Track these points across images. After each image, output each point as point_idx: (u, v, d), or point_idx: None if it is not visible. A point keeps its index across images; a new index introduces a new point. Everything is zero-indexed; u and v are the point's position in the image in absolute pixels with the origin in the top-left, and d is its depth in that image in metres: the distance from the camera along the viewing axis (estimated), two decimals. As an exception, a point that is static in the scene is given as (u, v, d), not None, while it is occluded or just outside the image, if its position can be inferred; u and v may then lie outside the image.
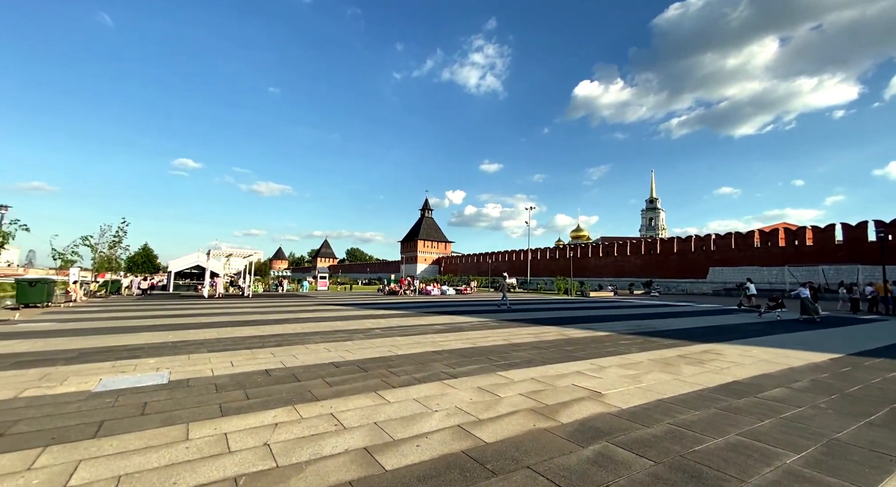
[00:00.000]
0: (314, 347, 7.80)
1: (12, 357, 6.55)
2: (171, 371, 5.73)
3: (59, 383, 4.99)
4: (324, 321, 12.50)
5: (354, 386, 5.08)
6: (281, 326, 10.99)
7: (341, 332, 9.94)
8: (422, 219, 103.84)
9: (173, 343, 8.05)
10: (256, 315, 14.25)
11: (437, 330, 10.63)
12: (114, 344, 7.87)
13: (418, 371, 5.91)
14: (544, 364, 6.46)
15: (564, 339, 9.14)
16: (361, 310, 16.94)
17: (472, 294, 39.56)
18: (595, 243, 71.25)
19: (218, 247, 33.56)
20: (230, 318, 12.92)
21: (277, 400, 4.47)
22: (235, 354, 6.99)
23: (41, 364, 6.05)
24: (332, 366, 6.15)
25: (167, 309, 16.23)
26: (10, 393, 4.51)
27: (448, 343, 8.44)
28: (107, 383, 5.02)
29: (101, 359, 6.40)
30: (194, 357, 6.71)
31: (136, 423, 3.69)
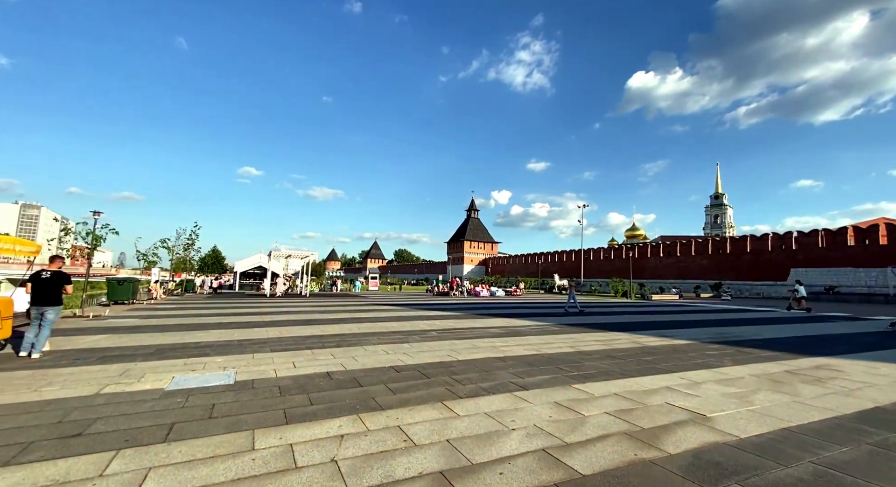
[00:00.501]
0: (372, 349, 7.62)
1: (99, 351, 6.98)
2: (237, 370, 5.74)
3: (136, 380, 5.13)
4: (379, 321, 12.45)
5: (419, 394, 4.74)
6: (339, 326, 11.04)
7: (397, 334, 9.75)
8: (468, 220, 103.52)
9: (239, 341, 8.26)
10: (315, 314, 14.58)
11: (495, 333, 10.12)
12: (186, 341, 8.21)
13: (483, 379, 5.46)
14: (625, 376, 5.74)
15: (639, 348, 8.25)
16: (414, 311, 16.83)
17: (522, 295, 38.45)
18: (654, 242, 66.74)
19: (278, 249, 35.40)
20: (290, 317, 13.29)
21: (341, 407, 4.22)
22: (297, 354, 6.96)
23: (123, 359, 6.35)
24: (393, 371, 5.88)
25: (233, 308, 17.15)
26: (93, 389, 4.67)
27: (509, 348, 7.91)
28: (179, 381, 5.08)
29: (174, 356, 6.62)
30: (258, 356, 6.75)
31: (203, 427, 3.59)
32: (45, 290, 6.68)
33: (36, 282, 6.72)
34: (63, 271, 6.99)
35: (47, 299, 6.65)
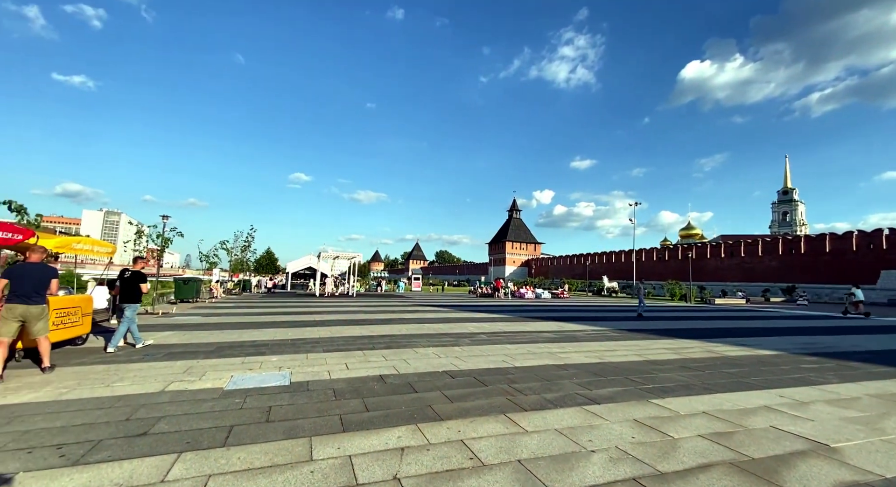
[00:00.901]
0: (423, 351, 7.38)
1: (166, 348, 7.29)
2: (292, 371, 5.70)
3: (198, 378, 5.20)
4: (426, 323, 12.27)
5: (478, 403, 4.39)
6: (387, 326, 10.97)
7: (447, 336, 9.47)
8: (509, 221, 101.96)
9: (292, 340, 8.35)
10: (363, 314, 14.70)
11: (549, 338, 9.55)
12: (244, 339, 8.43)
13: (546, 389, 5.01)
14: (709, 391, 5.05)
15: (717, 358, 7.38)
16: (460, 312, 16.54)
17: (569, 298, 37.02)
18: (714, 242, 61.94)
19: (326, 251, 36.61)
20: (340, 317, 13.46)
21: (398, 415, 3.97)
22: (349, 355, 6.87)
23: (186, 356, 6.55)
24: (448, 376, 5.57)
25: (286, 307, 17.77)
26: (159, 386, 4.77)
27: (568, 355, 7.35)
28: (237, 381, 5.09)
29: (232, 355, 6.76)
30: (312, 356, 6.73)
31: (261, 432, 3.46)
32: (125, 288, 7.10)
33: (121, 281, 7.19)
34: (141, 271, 7.41)
35: (126, 297, 7.07)
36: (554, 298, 34.78)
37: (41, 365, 5.32)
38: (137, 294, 7.14)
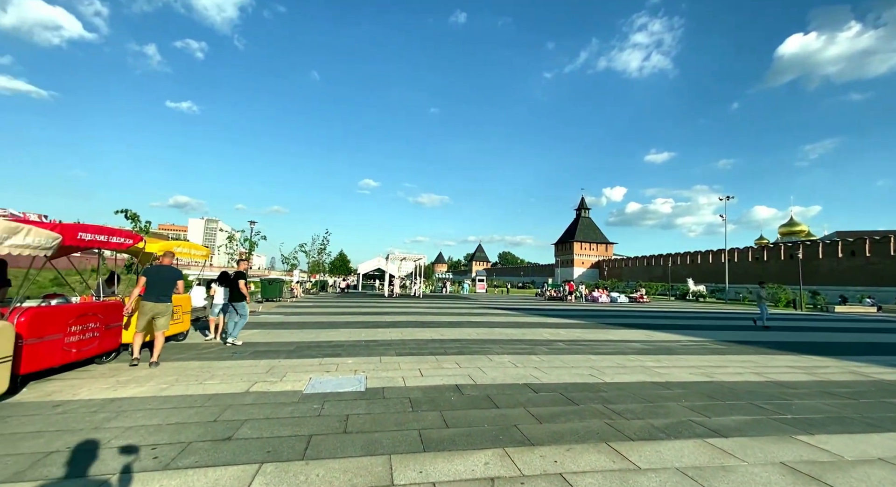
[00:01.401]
0: (498, 359, 6.91)
1: (252, 346, 7.67)
2: (367, 375, 5.58)
3: (279, 378, 5.27)
4: (497, 327, 11.77)
5: (572, 427, 3.82)
6: (457, 330, 10.67)
7: (521, 342, 8.90)
8: (578, 220, 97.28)
9: (366, 342, 8.37)
10: (431, 316, 14.62)
11: (639, 349, 8.53)
12: (321, 339, 8.64)
13: (651, 413, 4.26)
14: (877, 429, 3.94)
15: (866, 382, 5.94)
16: (530, 317, 15.77)
17: (649, 302, 33.98)
18: (828, 240, 53.18)
19: (392, 253, 37.70)
20: (409, 318, 13.48)
21: (481, 434, 3.56)
22: (421, 360, 6.64)
23: (270, 355, 6.79)
24: (530, 390, 5.05)
25: (358, 306, 18.37)
26: (244, 386, 4.88)
27: (668, 371, 6.40)
28: (315, 384, 5.06)
29: (310, 355, 6.87)
30: (385, 360, 6.60)
31: (339, 445, 3.26)
32: (233, 288, 7.80)
33: (229, 282, 7.98)
34: (242, 271, 8.07)
35: (232, 295, 7.80)
36: (632, 303, 32.14)
37: (150, 359, 5.73)
38: (240, 293, 7.74)
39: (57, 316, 4.74)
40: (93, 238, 5.07)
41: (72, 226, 4.75)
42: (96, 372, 5.29)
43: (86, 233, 4.94)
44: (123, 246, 5.75)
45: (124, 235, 5.70)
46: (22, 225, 3.61)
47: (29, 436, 3.23)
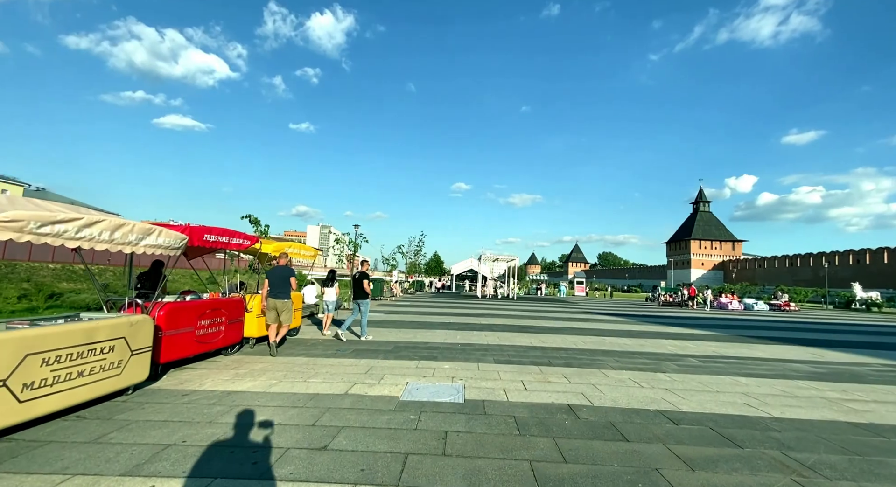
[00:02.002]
0: (615, 375, 5.89)
1: (354, 344, 7.84)
2: (466, 383, 5.12)
3: (377, 381, 5.11)
4: (606, 335, 10.45)
5: (742, 481, 2.81)
6: (559, 337, 9.71)
7: (640, 356, 7.62)
8: (695, 215, 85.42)
9: (462, 345, 7.99)
10: (528, 320, 13.76)
11: (808, 373, 6.63)
12: (417, 340, 8.51)
13: (866, 474, 2.98)
14: None
15: None
16: (645, 324, 13.85)
17: (797, 310, 27.88)
18: None
19: (484, 254, 37.39)
20: (505, 321, 12.84)
21: (612, 478, 2.79)
22: (523, 371, 5.97)
23: (369, 355, 6.79)
24: (666, 420, 4.04)
25: (453, 307, 18.31)
26: (344, 387, 4.79)
27: (867, 408, 4.71)
28: (412, 390, 4.76)
29: (408, 357, 6.69)
30: (484, 367, 6.09)
31: (438, 471, 2.81)
32: (355, 287, 8.30)
33: (352, 281, 8.48)
34: (365, 272, 8.48)
35: (357, 293, 8.20)
36: (775, 311, 26.70)
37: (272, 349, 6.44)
38: (364, 292, 8.10)
39: (189, 311, 5.23)
40: (216, 239, 5.53)
41: (199, 228, 5.22)
42: (221, 363, 5.77)
43: (210, 235, 5.40)
44: (243, 246, 6.23)
45: (243, 237, 6.16)
46: (155, 226, 3.95)
47: (157, 425, 3.44)
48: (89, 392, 3.56)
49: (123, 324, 3.92)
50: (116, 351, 3.84)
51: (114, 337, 3.80)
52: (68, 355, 3.35)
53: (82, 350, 3.48)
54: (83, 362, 3.49)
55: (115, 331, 3.82)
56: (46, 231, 2.92)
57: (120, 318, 3.91)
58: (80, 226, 3.16)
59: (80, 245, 3.15)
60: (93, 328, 3.57)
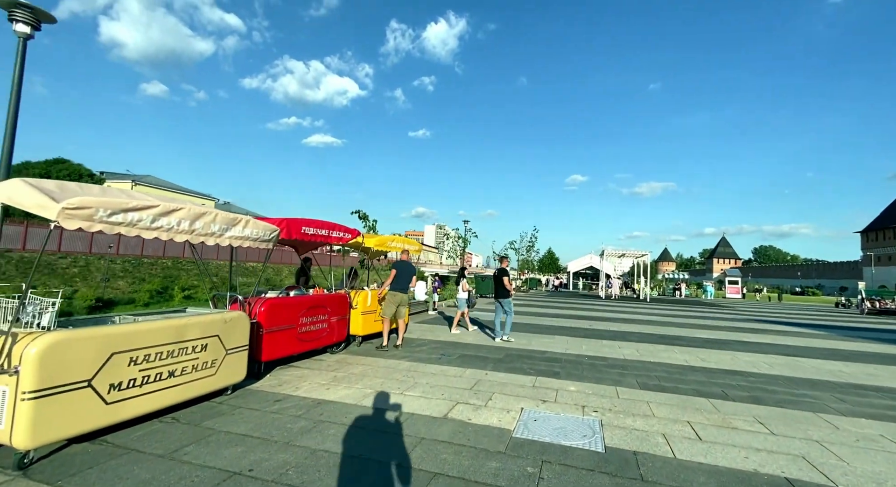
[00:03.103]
0: (850, 426, 3.80)
1: (461, 348, 7.02)
2: (602, 418, 3.78)
3: (484, 402, 4.12)
4: (801, 356, 7.62)
5: None
6: (727, 354, 7.36)
7: (878, 393, 5.07)
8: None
9: (590, 359, 6.49)
10: (672, 327, 11.21)
11: None
12: (533, 347, 7.29)
13: None
14: None
15: None
16: (856, 342, 10.01)
17: None
18: None
19: (608, 249, 33.54)
20: (642, 329, 10.63)
21: None
22: (687, 405, 4.29)
23: (477, 363, 5.87)
24: None
25: (573, 308, 16.38)
26: (444, 407, 3.92)
27: None
28: (528, 421, 3.64)
29: (522, 369, 5.56)
30: (625, 395, 4.59)
31: None
32: (495, 285, 7.89)
33: (493, 279, 8.05)
34: (504, 268, 8.05)
35: (498, 292, 7.80)
36: None
37: (397, 341, 6.71)
38: (504, 290, 7.70)
39: (291, 308, 5.02)
40: (315, 232, 5.26)
41: (297, 220, 4.98)
42: (324, 363, 5.50)
43: (309, 227, 5.14)
44: (343, 240, 5.92)
45: (343, 230, 5.85)
46: (240, 216, 3.66)
47: (235, 441, 3.03)
48: (181, 393, 3.37)
49: (216, 322, 3.71)
50: (210, 349, 3.63)
51: (206, 336, 3.59)
52: (157, 354, 3.16)
53: (172, 348, 3.28)
54: (174, 361, 3.29)
55: (208, 329, 3.61)
56: (118, 219, 2.69)
57: (213, 315, 3.71)
58: (156, 215, 2.91)
59: (158, 235, 2.93)
60: (183, 325, 3.37)
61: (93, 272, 21.66)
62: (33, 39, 4.16)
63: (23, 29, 4.01)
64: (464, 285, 8.92)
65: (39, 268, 20.01)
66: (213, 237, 3.39)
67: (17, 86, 4.02)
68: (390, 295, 6.48)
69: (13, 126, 4.01)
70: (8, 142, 3.98)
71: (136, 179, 46.78)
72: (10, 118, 3.99)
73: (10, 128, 3.99)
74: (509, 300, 7.75)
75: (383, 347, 6.50)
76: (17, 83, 4.02)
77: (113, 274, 22.58)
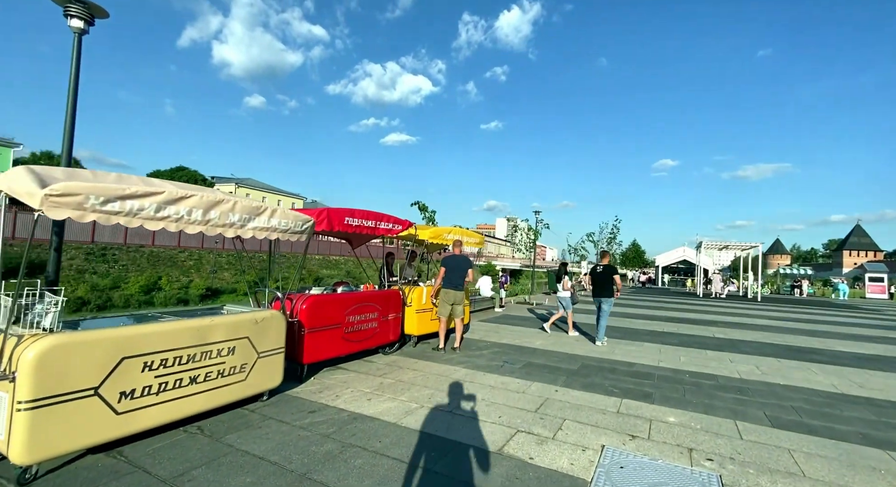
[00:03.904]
0: None
1: (528, 353, 6.14)
2: (722, 471, 2.71)
3: (551, 433, 3.27)
4: None
5: None
6: (889, 377, 5.47)
7: None
8: None
9: (691, 376, 5.20)
10: (799, 336, 8.99)
11: None
12: (616, 357, 6.14)
13: None
14: None
15: None
16: None
17: None
18: None
19: (705, 241, 29.36)
20: (756, 336, 8.67)
21: None
22: (854, 459, 2.98)
23: (543, 374, 4.97)
24: None
25: (665, 308, 14.33)
26: (500, 437, 3.15)
27: None
28: (610, 467, 2.72)
29: (601, 387, 4.54)
30: (751, 435, 3.38)
31: None
32: (599, 283, 7.09)
33: (593, 275, 7.27)
34: (611, 264, 7.23)
35: (602, 290, 7.03)
36: None
37: (454, 343, 6.13)
38: (611, 288, 6.97)
39: (335, 305, 4.63)
40: (360, 223, 4.79)
41: (339, 210, 4.54)
42: (373, 365, 5.05)
43: (353, 219, 4.68)
44: (393, 231, 5.40)
45: (393, 221, 5.33)
46: (264, 205, 3.25)
47: (249, 466, 2.60)
48: (205, 401, 3.07)
49: (246, 322, 3.37)
50: (238, 353, 3.30)
51: (234, 338, 3.26)
52: (176, 358, 2.87)
53: (194, 352, 2.98)
54: (196, 366, 2.99)
55: (235, 330, 3.28)
56: (115, 208, 2.38)
57: (241, 316, 3.38)
58: (162, 203, 2.57)
59: (165, 226, 2.60)
60: (206, 327, 3.06)
61: (204, 264, 24.49)
62: (89, 35, 4.21)
63: (77, 24, 4.06)
64: (565, 283, 7.86)
65: (163, 261, 23.10)
66: (232, 228, 3.02)
67: (74, 83, 4.10)
68: (443, 294, 5.93)
69: (72, 123, 4.10)
70: (67, 140, 4.07)
71: (238, 182, 52.69)
72: (69, 116, 4.07)
73: (69, 125, 4.08)
74: (611, 301, 7.00)
75: (439, 349, 5.93)
76: (74, 81, 4.10)
77: (220, 266, 25.40)
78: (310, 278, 26.26)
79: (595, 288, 7.18)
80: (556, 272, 8.01)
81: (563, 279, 7.99)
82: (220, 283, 23.20)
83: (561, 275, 8.11)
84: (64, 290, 2.61)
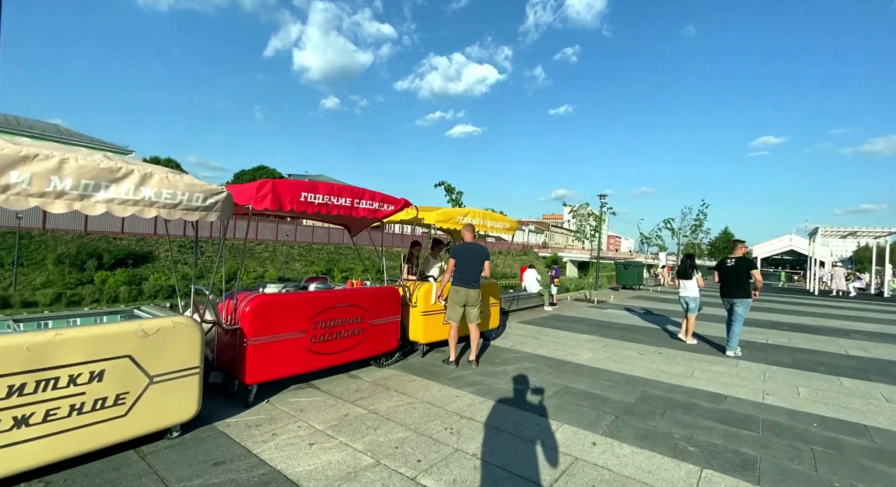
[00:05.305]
0: None
1: (572, 371, 4.62)
2: None
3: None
4: None
5: None
6: None
7: None
8: None
9: (821, 425, 3.34)
10: None
11: None
12: (696, 384, 4.38)
13: None
14: None
15: None
16: None
17: None
18: None
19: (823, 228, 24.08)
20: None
21: None
22: None
23: (583, 410, 3.48)
24: None
25: (769, 311, 11.46)
26: None
27: None
28: None
29: (671, 441, 2.96)
30: None
31: None
32: (731, 280, 5.79)
33: (721, 270, 5.96)
34: (745, 257, 5.93)
35: (733, 289, 5.76)
36: None
37: (469, 356, 4.79)
38: (746, 287, 5.71)
39: (295, 308, 3.59)
40: (327, 201, 3.66)
41: (288, 182, 3.43)
42: (353, 385, 3.95)
43: (313, 195, 3.54)
44: (380, 213, 4.21)
45: (379, 199, 4.14)
46: (129, 166, 2.23)
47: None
48: (46, 451, 2.17)
49: (125, 335, 2.43)
50: (110, 379, 2.37)
51: (101, 358, 2.34)
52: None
53: (23, 381, 2.08)
54: (25, 402, 2.10)
55: (104, 347, 2.36)
56: None
57: (113, 326, 2.44)
58: None
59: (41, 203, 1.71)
60: (44, 344, 2.15)
61: (278, 256, 25.82)
62: None
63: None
64: (699, 280, 6.35)
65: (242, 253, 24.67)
66: (62, 199, 2.04)
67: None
68: (452, 292, 4.67)
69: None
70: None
71: (311, 179, 55.79)
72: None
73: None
74: (747, 302, 5.67)
75: (450, 362, 4.69)
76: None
77: (291, 257, 26.64)
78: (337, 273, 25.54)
79: (725, 286, 5.85)
80: (679, 265, 6.68)
81: (696, 275, 6.36)
82: (292, 273, 24.20)
83: (688, 270, 6.43)
84: None
